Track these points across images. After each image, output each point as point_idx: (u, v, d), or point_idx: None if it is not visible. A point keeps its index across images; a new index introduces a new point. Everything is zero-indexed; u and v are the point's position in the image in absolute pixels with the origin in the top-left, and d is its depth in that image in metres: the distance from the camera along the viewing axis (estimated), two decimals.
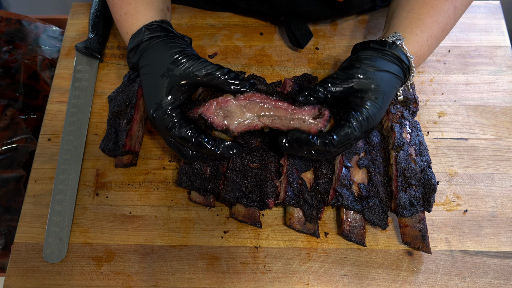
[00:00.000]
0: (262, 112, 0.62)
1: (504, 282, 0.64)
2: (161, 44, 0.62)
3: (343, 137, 0.58)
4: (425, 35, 0.67)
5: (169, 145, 0.63)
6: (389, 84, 0.62)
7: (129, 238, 0.68)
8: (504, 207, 0.69)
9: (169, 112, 0.60)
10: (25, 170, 0.82)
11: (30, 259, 0.67)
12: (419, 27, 0.66)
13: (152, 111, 0.60)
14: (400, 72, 0.64)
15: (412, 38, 0.66)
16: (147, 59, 0.62)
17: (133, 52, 0.64)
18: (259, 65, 0.83)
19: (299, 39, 0.81)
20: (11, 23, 0.96)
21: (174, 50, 0.61)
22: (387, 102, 0.62)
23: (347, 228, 0.65)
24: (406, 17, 0.67)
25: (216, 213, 0.70)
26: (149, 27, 0.64)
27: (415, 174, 0.65)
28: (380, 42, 0.64)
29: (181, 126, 0.60)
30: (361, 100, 0.60)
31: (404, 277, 0.64)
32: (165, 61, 0.60)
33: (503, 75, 0.82)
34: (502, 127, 0.76)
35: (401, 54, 0.63)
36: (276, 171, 0.67)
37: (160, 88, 0.60)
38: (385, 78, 0.61)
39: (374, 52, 0.63)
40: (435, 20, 0.67)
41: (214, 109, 0.61)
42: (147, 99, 0.62)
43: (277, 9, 0.80)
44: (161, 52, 0.61)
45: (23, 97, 0.88)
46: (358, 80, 0.60)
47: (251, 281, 0.65)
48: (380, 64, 0.62)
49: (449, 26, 0.69)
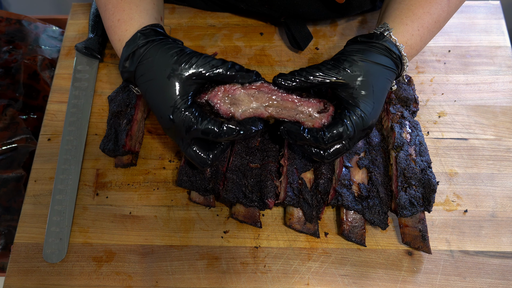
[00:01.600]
0: (268, 102, 0.61)
1: (504, 282, 0.64)
2: (158, 48, 0.60)
3: (335, 134, 0.57)
4: (416, 24, 0.65)
5: (187, 152, 0.61)
6: (380, 77, 0.60)
7: (129, 238, 0.68)
8: (504, 207, 0.69)
9: (187, 110, 0.58)
10: (25, 170, 0.82)
11: (30, 259, 0.67)
12: (409, 17, 0.65)
13: (170, 115, 0.58)
14: (391, 63, 0.62)
15: (401, 28, 0.64)
16: (146, 66, 0.60)
17: (130, 61, 0.61)
18: (259, 65, 0.83)
19: (299, 42, 0.81)
20: (11, 23, 0.96)
21: (174, 50, 0.60)
22: (380, 96, 0.60)
23: (347, 228, 0.65)
24: (397, 8, 0.66)
25: (216, 213, 0.70)
26: (143, 32, 0.61)
27: (415, 174, 0.65)
28: (368, 35, 0.63)
29: (203, 119, 0.58)
30: (351, 97, 0.59)
31: (404, 277, 0.64)
32: (167, 62, 0.59)
33: (503, 75, 0.82)
34: (502, 127, 0.76)
35: (390, 44, 0.62)
36: (276, 171, 0.68)
37: (171, 89, 0.58)
38: (373, 70, 0.59)
39: (361, 45, 0.62)
40: (427, 11, 0.66)
41: (221, 95, 0.60)
42: (158, 105, 0.59)
43: (277, 10, 0.80)
44: (160, 55, 0.60)
45: (23, 97, 0.88)
46: (344, 72, 0.58)
47: (251, 281, 0.65)
48: (367, 56, 0.60)
49: (443, 19, 0.68)
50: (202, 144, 0.61)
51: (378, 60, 0.61)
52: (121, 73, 0.63)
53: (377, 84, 0.60)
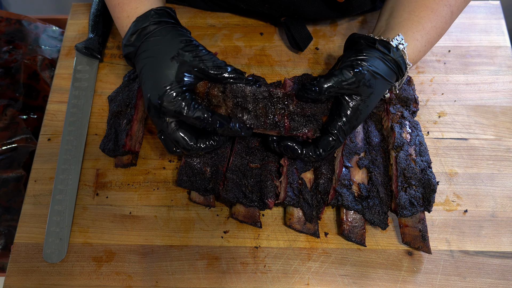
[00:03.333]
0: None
1: (504, 282, 0.64)
2: (170, 30, 0.61)
3: (329, 150, 0.62)
4: (424, 40, 0.66)
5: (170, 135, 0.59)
6: (382, 91, 0.64)
7: (129, 238, 0.68)
8: (504, 207, 0.69)
9: (180, 94, 0.57)
10: (25, 170, 0.82)
11: (30, 259, 0.67)
12: (420, 31, 0.66)
13: (160, 94, 0.57)
14: (394, 79, 0.65)
15: (412, 44, 0.65)
16: (153, 42, 0.60)
17: (136, 35, 0.61)
18: (259, 65, 0.83)
19: (299, 42, 0.81)
20: (11, 23, 0.96)
21: (184, 37, 0.60)
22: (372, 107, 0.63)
23: (347, 228, 0.65)
24: (408, 19, 0.66)
25: (216, 213, 0.70)
26: (157, 11, 0.62)
27: (415, 174, 0.65)
28: (385, 44, 0.63)
29: (195, 105, 0.58)
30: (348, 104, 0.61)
31: (404, 277, 0.64)
32: (175, 46, 0.59)
33: (503, 75, 0.82)
34: (502, 127, 0.76)
35: (402, 62, 0.63)
36: (276, 171, 0.68)
37: (170, 71, 0.58)
38: (380, 85, 0.62)
39: (379, 54, 0.62)
40: (434, 25, 0.66)
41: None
42: (151, 82, 0.59)
43: (278, 10, 0.80)
44: (170, 37, 0.60)
45: (23, 97, 0.88)
46: (363, 87, 0.60)
47: (251, 281, 0.65)
48: (382, 71, 0.62)
49: (443, 31, 0.69)
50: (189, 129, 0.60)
51: (388, 77, 0.63)
52: (123, 46, 0.64)
53: (377, 97, 0.63)
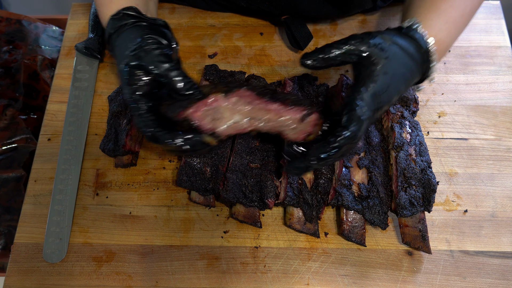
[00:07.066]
0: (251, 115, 0.59)
1: (504, 282, 0.64)
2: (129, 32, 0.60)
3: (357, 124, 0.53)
4: (442, 19, 0.63)
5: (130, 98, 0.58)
6: (402, 63, 0.57)
7: (129, 238, 0.68)
8: (504, 207, 0.69)
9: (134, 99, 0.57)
10: (25, 170, 0.82)
11: (30, 259, 0.67)
12: (434, 11, 0.63)
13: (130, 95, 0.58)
14: (418, 57, 0.59)
15: (427, 23, 0.62)
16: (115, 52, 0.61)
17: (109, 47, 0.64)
18: (259, 65, 0.83)
19: (299, 41, 0.81)
20: (11, 23, 0.96)
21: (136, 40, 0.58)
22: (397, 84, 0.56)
23: (347, 228, 0.65)
24: (420, 6, 0.64)
25: (216, 213, 0.70)
26: (115, 17, 0.62)
27: (415, 174, 0.65)
28: (394, 28, 0.61)
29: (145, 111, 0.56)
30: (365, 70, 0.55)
31: (404, 277, 0.64)
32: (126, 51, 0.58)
33: (503, 75, 0.82)
34: (502, 127, 0.76)
35: (419, 36, 0.59)
36: (276, 171, 0.68)
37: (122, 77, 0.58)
38: (399, 56, 0.56)
39: (389, 31, 0.60)
40: (451, 5, 0.63)
41: (201, 112, 0.58)
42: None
43: (278, 7, 0.80)
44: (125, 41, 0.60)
45: (23, 97, 0.88)
46: (373, 48, 0.55)
47: (251, 281, 0.65)
48: (397, 40, 0.57)
49: (469, 11, 0.65)
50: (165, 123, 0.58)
51: (406, 48, 0.58)
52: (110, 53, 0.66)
53: (397, 72, 0.56)
